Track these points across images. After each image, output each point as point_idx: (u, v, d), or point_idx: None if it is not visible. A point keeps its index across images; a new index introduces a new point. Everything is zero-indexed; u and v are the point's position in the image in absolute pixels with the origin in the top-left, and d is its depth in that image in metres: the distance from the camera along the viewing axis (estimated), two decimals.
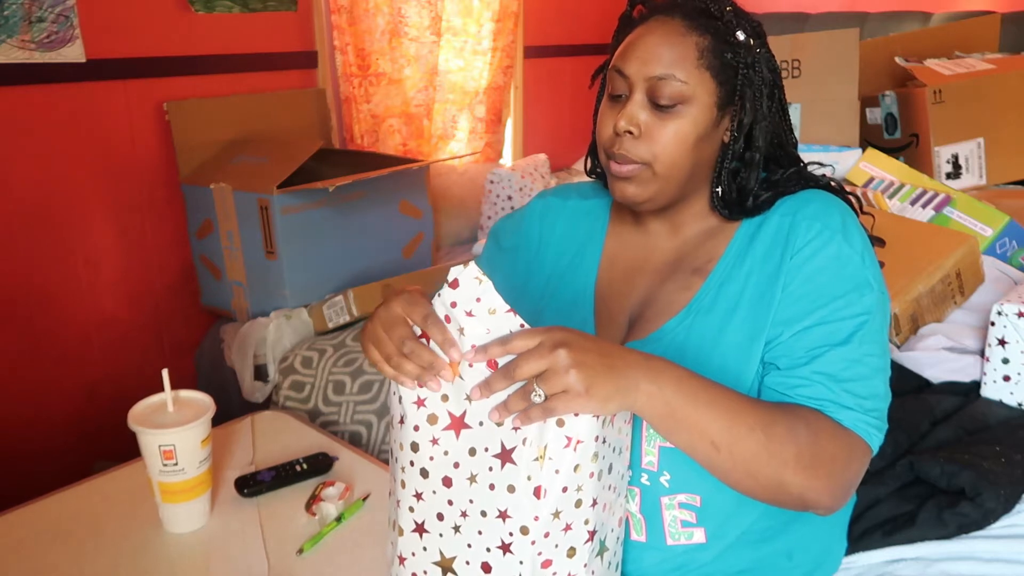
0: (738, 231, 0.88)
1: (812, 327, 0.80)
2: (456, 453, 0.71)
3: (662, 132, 0.83)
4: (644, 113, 0.83)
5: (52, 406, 1.99)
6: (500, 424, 0.68)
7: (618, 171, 0.85)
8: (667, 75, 0.82)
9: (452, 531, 0.73)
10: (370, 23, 2.47)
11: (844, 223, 0.83)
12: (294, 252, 1.94)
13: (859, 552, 1.05)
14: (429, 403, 0.72)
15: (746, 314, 0.83)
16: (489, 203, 2.74)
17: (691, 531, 0.84)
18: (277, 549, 0.95)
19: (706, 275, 0.87)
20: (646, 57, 0.83)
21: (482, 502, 0.70)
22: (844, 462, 0.76)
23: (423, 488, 0.73)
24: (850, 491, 0.79)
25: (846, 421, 0.77)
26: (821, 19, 2.89)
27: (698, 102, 0.83)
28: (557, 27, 3.13)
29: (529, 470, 0.67)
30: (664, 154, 0.83)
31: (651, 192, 0.86)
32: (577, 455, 0.67)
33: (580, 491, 0.69)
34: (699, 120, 0.83)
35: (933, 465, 1.11)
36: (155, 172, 2.11)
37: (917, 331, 1.51)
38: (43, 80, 1.86)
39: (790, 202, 0.86)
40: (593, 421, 0.67)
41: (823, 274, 0.81)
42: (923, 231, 1.62)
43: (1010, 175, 2.17)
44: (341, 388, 1.80)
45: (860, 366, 0.79)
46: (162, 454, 0.93)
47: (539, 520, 0.68)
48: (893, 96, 2.22)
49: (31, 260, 1.92)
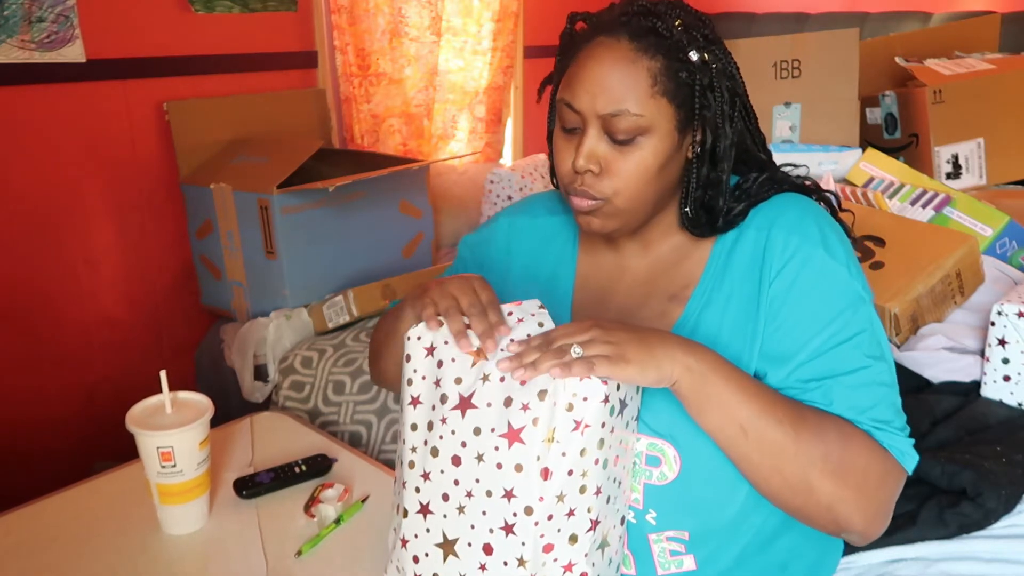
0: (713, 249, 0.85)
1: (809, 361, 0.77)
2: (462, 432, 0.72)
3: (623, 166, 0.79)
4: (602, 147, 0.79)
5: (52, 407, 1.99)
6: (523, 383, 0.69)
7: (580, 206, 0.82)
8: (620, 111, 0.77)
9: (456, 511, 0.73)
10: (370, 23, 2.47)
11: (822, 232, 0.79)
12: (294, 252, 1.94)
13: (859, 552, 1.05)
14: (443, 383, 0.74)
15: (728, 341, 0.80)
16: (489, 203, 2.74)
17: (680, 559, 0.82)
18: (276, 551, 0.95)
19: (684, 302, 0.84)
20: (595, 91, 0.78)
21: (488, 481, 0.71)
22: (877, 477, 0.74)
23: (432, 467, 0.74)
24: (886, 515, 0.76)
25: (883, 442, 0.75)
26: (821, 19, 2.89)
27: (657, 130, 0.78)
28: (557, 27, 3.09)
29: (538, 450, 0.68)
30: (626, 188, 0.80)
31: (617, 224, 0.83)
32: (584, 439, 0.68)
33: (585, 476, 0.69)
34: (660, 149, 0.79)
35: (933, 465, 1.11)
36: (155, 172, 2.11)
37: (917, 331, 1.51)
38: (43, 80, 1.86)
39: (764, 212, 0.83)
40: (601, 407, 0.68)
41: (811, 296, 0.77)
42: (923, 231, 1.62)
43: (1010, 175, 2.16)
44: (341, 388, 1.80)
45: (876, 387, 0.76)
46: (160, 456, 0.93)
47: (543, 501, 0.68)
48: (893, 96, 2.22)
49: (31, 260, 1.92)
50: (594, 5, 0.88)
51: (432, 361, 0.75)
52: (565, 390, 0.68)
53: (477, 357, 0.73)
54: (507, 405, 0.70)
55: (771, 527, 0.84)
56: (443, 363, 0.74)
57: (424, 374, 0.76)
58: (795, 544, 0.87)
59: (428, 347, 0.76)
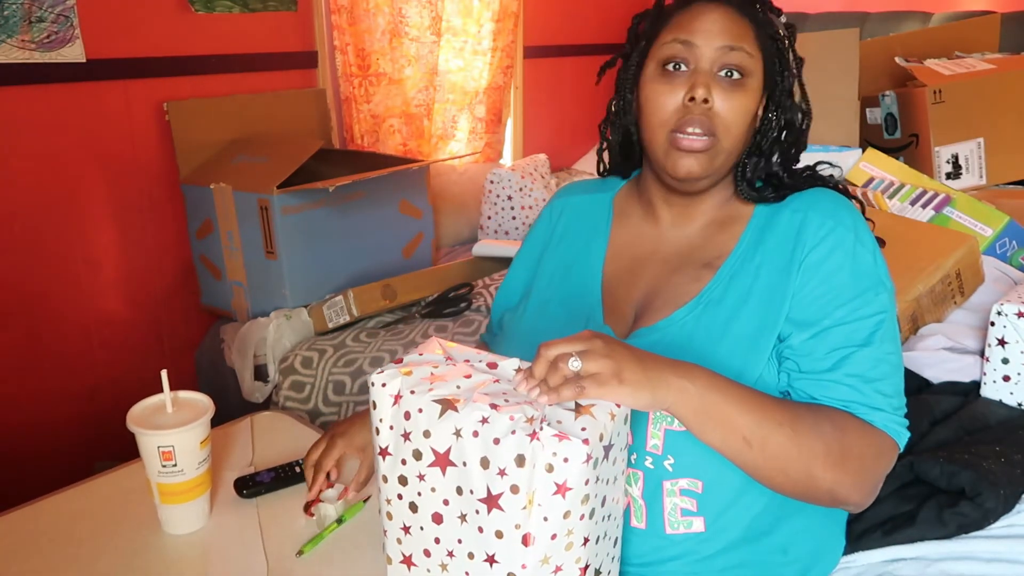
0: (748, 224, 0.89)
1: (832, 328, 0.81)
2: (444, 490, 0.69)
3: (731, 105, 0.84)
4: (714, 84, 0.84)
5: (52, 406, 1.99)
6: (497, 443, 0.66)
7: (691, 145, 0.84)
8: (738, 46, 0.84)
9: (439, 568, 0.72)
10: (370, 23, 2.47)
11: (855, 223, 0.85)
12: (294, 252, 1.94)
13: (859, 552, 1.05)
14: (413, 437, 0.70)
15: (756, 307, 0.84)
16: (489, 203, 2.74)
17: (690, 520, 0.85)
18: (276, 550, 0.95)
19: (716, 268, 0.88)
20: (715, 29, 0.84)
21: (470, 543, 0.69)
22: (873, 459, 0.79)
23: (412, 523, 0.72)
24: (878, 487, 0.81)
25: (877, 422, 0.79)
26: (821, 19, 2.89)
27: (755, 78, 0.86)
28: (557, 27, 3.13)
29: (517, 518, 0.65)
30: (734, 127, 0.85)
31: (715, 167, 0.87)
32: (567, 502, 0.65)
33: (571, 535, 0.66)
34: (756, 96, 0.86)
35: (933, 465, 1.11)
36: (155, 172, 2.11)
37: (917, 331, 1.51)
38: (43, 80, 1.86)
39: (801, 198, 0.88)
40: (584, 468, 0.64)
41: (839, 274, 0.82)
42: (923, 231, 1.62)
43: (1010, 175, 2.16)
44: (341, 388, 1.80)
45: (884, 365, 0.81)
46: (161, 455, 0.93)
47: (527, 568, 0.66)
48: (893, 96, 2.22)
49: (31, 260, 1.92)
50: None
51: (399, 411, 0.71)
52: (544, 450, 0.64)
53: (446, 407, 0.68)
54: (484, 467, 0.66)
55: (776, 506, 0.86)
56: (410, 414, 0.70)
57: (391, 424, 0.72)
58: (797, 530, 0.89)
59: (395, 395, 0.71)
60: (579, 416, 0.66)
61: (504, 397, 0.69)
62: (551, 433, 0.64)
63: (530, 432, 0.64)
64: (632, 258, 0.96)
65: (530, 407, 0.67)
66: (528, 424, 0.65)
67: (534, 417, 0.66)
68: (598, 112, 1.03)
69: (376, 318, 2.03)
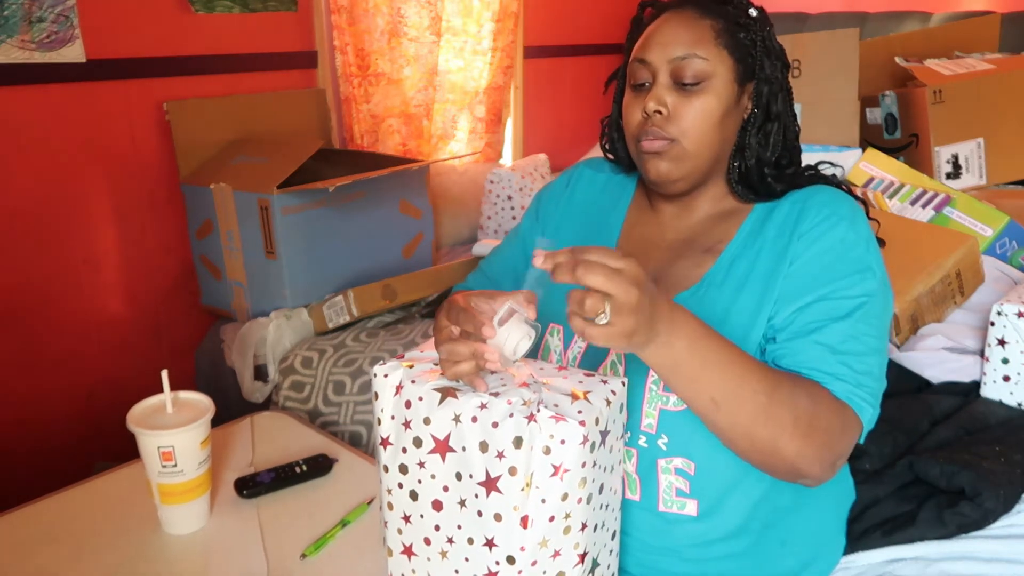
0: (749, 216, 0.92)
1: (813, 303, 0.82)
2: (444, 477, 0.70)
3: (688, 109, 0.87)
4: (670, 95, 0.87)
5: (52, 407, 1.99)
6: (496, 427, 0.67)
7: (649, 146, 0.88)
8: (688, 55, 0.86)
9: (439, 556, 0.72)
10: (370, 23, 2.47)
11: (853, 213, 0.86)
12: (294, 252, 1.94)
13: (859, 552, 1.05)
14: (414, 425, 0.71)
15: (754, 289, 0.86)
16: (489, 203, 2.74)
17: (684, 501, 0.86)
18: (276, 551, 0.95)
19: (718, 254, 0.90)
20: (665, 41, 0.88)
21: (469, 528, 0.69)
22: (838, 434, 0.79)
23: (412, 511, 0.73)
24: (839, 463, 0.81)
25: (839, 392, 0.79)
26: (821, 19, 2.89)
27: (719, 78, 0.87)
28: (557, 27, 3.13)
29: (515, 500, 0.66)
30: (692, 130, 0.87)
31: (685, 170, 0.89)
32: (564, 484, 0.66)
33: (568, 518, 0.67)
34: (722, 95, 0.87)
35: (933, 465, 1.11)
36: (155, 172, 2.10)
37: (917, 331, 1.51)
38: (43, 80, 1.86)
39: (801, 192, 0.90)
40: (581, 449, 0.65)
41: (828, 255, 0.84)
42: (923, 231, 1.62)
43: (1010, 175, 2.16)
44: (341, 388, 1.80)
45: (856, 342, 0.81)
46: (161, 455, 0.93)
47: (526, 550, 0.67)
48: (893, 96, 2.22)
49: (31, 260, 1.92)
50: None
51: (400, 400, 0.73)
52: (541, 432, 0.65)
53: (446, 395, 0.70)
54: (483, 451, 0.67)
55: (773, 502, 0.87)
56: (411, 403, 0.72)
57: (392, 413, 0.74)
58: (796, 523, 0.90)
59: (396, 385, 0.73)
60: (575, 401, 0.67)
61: (502, 382, 0.71)
62: (548, 415, 0.65)
63: (527, 414, 0.66)
64: (640, 241, 0.98)
65: (527, 391, 0.69)
66: (525, 407, 0.67)
67: (531, 400, 0.67)
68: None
69: (376, 318, 2.03)
